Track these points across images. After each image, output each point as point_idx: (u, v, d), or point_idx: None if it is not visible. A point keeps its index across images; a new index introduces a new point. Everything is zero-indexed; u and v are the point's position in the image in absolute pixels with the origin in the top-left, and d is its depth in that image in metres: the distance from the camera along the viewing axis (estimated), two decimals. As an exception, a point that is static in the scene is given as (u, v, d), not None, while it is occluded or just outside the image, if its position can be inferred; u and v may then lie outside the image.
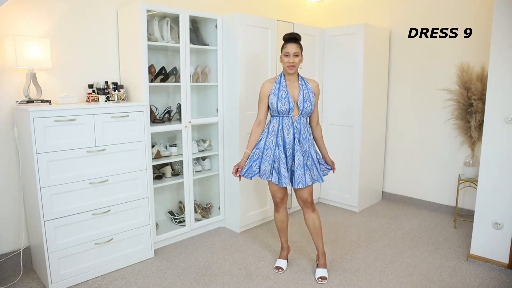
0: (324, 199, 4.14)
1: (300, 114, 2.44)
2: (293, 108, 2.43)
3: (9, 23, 2.48)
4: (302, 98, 2.42)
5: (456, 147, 3.65)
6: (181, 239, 3.18)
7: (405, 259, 2.84)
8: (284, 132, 2.44)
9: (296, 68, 2.44)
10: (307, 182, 2.43)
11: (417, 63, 3.86)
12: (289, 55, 2.39)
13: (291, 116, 2.44)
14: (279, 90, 2.43)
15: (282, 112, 2.43)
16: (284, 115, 2.44)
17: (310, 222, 2.56)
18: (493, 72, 2.56)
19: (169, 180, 3.13)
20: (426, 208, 3.95)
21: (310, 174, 2.45)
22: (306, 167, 2.44)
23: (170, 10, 2.84)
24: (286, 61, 2.40)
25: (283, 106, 2.41)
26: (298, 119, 2.44)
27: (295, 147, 2.42)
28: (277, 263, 2.72)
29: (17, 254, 2.61)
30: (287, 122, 2.44)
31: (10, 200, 2.60)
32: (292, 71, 2.43)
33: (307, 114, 2.47)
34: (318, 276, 2.56)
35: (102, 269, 2.60)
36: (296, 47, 2.40)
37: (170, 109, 3.19)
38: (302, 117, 2.45)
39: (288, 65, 2.40)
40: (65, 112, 2.33)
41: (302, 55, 2.45)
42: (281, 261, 2.72)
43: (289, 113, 2.43)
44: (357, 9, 4.26)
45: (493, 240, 2.68)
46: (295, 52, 2.39)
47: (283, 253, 2.75)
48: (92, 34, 2.84)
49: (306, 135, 2.46)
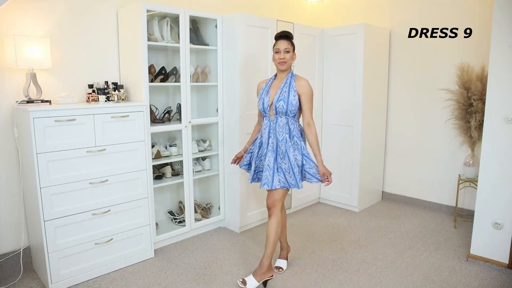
0: (324, 199, 4.14)
1: (276, 114, 2.40)
2: (268, 107, 2.42)
3: (9, 23, 2.48)
4: (277, 97, 2.38)
5: (456, 147, 3.65)
6: (181, 239, 3.18)
7: (405, 259, 2.84)
8: (262, 131, 2.50)
9: (287, 65, 2.39)
10: (274, 185, 2.33)
11: (417, 63, 3.86)
12: (280, 52, 2.38)
13: (269, 115, 2.44)
14: (264, 90, 2.48)
15: (263, 112, 2.47)
16: (264, 115, 2.48)
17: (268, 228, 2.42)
18: (493, 72, 2.56)
19: (169, 180, 3.13)
20: (426, 208, 3.95)
21: (284, 177, 2.35)
22: (280, 170, 2.36)
23: (170, 10, 2.84)
24: (277, 58, 2.39)
25: (259, 106, 2.47)
26: (275, 119, 2.41)
27: (268, 147, 2.41)
28: (277, 263, 2.72)
29: (17, 254, 2.61)
30: (265, 122, 2.47)
31: (10, 200, 2.60)
32: (283, 67, 2.39)
33: (284, 114, 2.37)
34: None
35: (102, 269, 2.60)
36: (286, 44, 2.38)
37: (170, 109, 3.19)
38: (280, 117, 2.39)
39: (279, 62, 2.39)
40: (65, 112, 2.33)
41: (294, 53, 2.43)
42: (281, 261, 2.72)
43: (265, 112, 2.44)
44: (357, 9, 4.26)
45: (493, 240, 2.68)
46: (285, 48, 2.37)
47: (283, 252, 2.76)
48: (92, 34, 2.84)
49: (284, 136, 2.38)
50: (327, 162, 4.00)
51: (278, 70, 2.45)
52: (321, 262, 2.79)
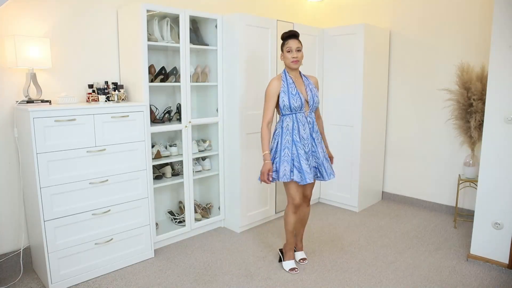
0: (324, 199, 4.14)
1: (310, 109, 2.49)
2: (304, 103, 2.45)
3: (9, 23, 2.48)
4: (310, 93, 2.47)
5: (456, 147, 3.65)
6: (181, 239, 3.18)
7: (405, 259, 2.84)
8: (300, 128, 2.44)
9: (299, 64, 2.46)
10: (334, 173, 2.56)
11: (417, 63, 3.86)
12: (292, 50, 2.42)
13: (303, 112, 2.45)
14: (288, 87, 2.43)
15: (295, 109, 2.42)
16: (297, 111, 2.43)
17: (301, 214, 2.69)
18: (493, 72, 2.56)
19: (169, 180, 3.13)
20: (426, 208, 3.95)
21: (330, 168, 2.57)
22: (326, 160, 2.55)
23: (170, 10, 2.84)
24: (290, 57, 2.42)
25: (295, 102, 2.40)
26: (310, 114, 2.49)
27: (315, 142, 2.49)
28: (292, 264, 2.66)
29: (17, 254, 2.61)
30: (301, 119, 2.44)
31: (10, 200, 2.60)
32: (296, 66, 2.45)
33: (315, 109, 2.54)
34: (299, 258, 2.77)
35: (102, 269, 2.60)
36: (297, 43, 2.45)
37: (170, 109, 3.19)
38: (312, 112, 2.51)
39: (292, 60, 2.42)
40: (65, 112, 2.33)
41: (302, 51, 2.49)
42: (294, 262, 2.70)
43: (301, 109, 2.43)
44: (357, 9, 4.26)
45: (493, 240, 2.68)
46: (297, 47, 2.43)
47: (292, 254, 2.70)
48: (92, 34, 2.84)
49: (316, 129, 2.53)
50: (327, 162, 4.01)
51: (289, 69, 2.48)
52: (321, 262, 2.79)
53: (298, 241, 2.81)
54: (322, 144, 2.57)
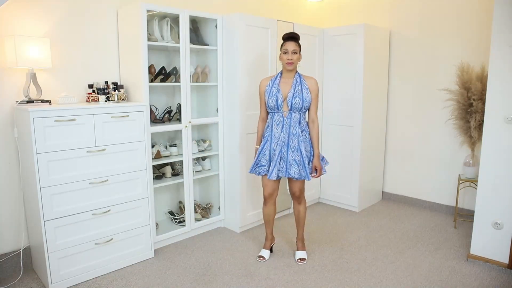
0: (324, 199, 4.14)
1: (290, 110, 2.54)
2: (282, 104, 2.55)
3: (9, 23, 2.48)
4: (292, 94, 2.53)
5: (456, 147, 3.65)
6: (181, 239, 3.18)
7: (405, 259, 2.84)
8: (273, 127, 2.58)
9: (294, 65, 2.55)
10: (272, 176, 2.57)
11: (417, 63, 3.86)
12: (288, 52, 2.51)
13: (281, 111, 2.55)
14: (272, 87, 2.57)
15: (272, 108, 2.57)
16: (275, 111, 2.57)
17: (295, 212, 2.83)
18: (493, 72, 2.56)
19: (169, 180, 3.13)
20: (426, 208, 3.95)
21: (298, 170, 2.57)
22: (294, 162, 2.56)
23: (170, 10, 2.84)
24: (285, 58, 2.52)
25: (271, 102, 2.56)
26: (289, 115, 2.55)
27: (279, 141, 2.55)
28: (261, 252, 2.87)
29: (17, 254, 2.61)
30: (277, 118, 2.58)
31: (10, 200, 2.60)
32: (290, 67, 2.53)
33: (299, 110, 2.55)
34: (297, 258, 2.80)
35: (102, 269, 2.60)
36: (294, 45, 2.52)
37: (170, 109, 3.19)
38: (294, 113, 2.55)
39: (287, 62, 2.52)
40: (65, 112, 2.33)
41: (300, 54, 2.57)
42: (265, 251, 2.87)
43: (278, 109, 2.56)
44: (357, 9, 4.26)
45: (493, 240, 2.68)
46: (293, 49, 2.51)
47: (267, 243, 2.90)
48: (92, 34, 2.84)
49: (297, 131, 2.55)
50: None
51: (285, 70, 2.58)
52: (321, 262, 2.79)
53: (297, 240, 2.88)
54: (299, 147, 2.55)
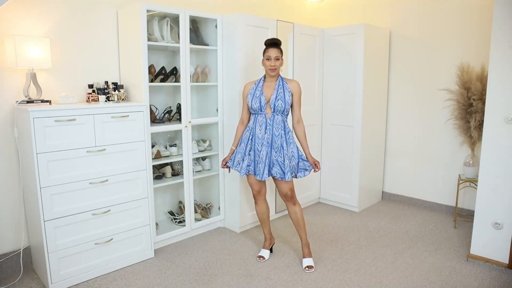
0: (324, 199, 4.14)
1: (273, 112, 2.58)
2: (265, 106, 2.60)
3: (9, 23, 2.48)
4: (275, 97, 2.58)
5: (456, 147, 3.65)
6: (181, 239, 3.18)
7: (405, 259, 2.84)
8: (256, 128, 2.59)
9: (277, 71, 2.61)
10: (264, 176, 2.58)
11: (417, 63, 3.86)
12: (271, 59, 2.57)
13: (265, 113, 2.60)
14: (255, 90, 2.62)
15: (255, 110, 2.61)
16: (258, 112, 2.61)
17: (291, 215, 2.73)
18: (493, 72, 2.56)
19: (169, 180, 3.13)
20: (426, 208, 3.95)
21: (280, 169, 2.58)
22: (276, 162, 2.58)
23: (170, 10, 2.84)
24: (268, 64, 2.58)
25: (255, 104, 2.60)
26: (272, 116, 2.60)
27: (263, 142, 2.58)
28: (261, 252, 2.87)
29: (17, 254, 2.61)
30: (260, 119, 2.61)
31: (10, 200, 2.60)
32: (273, 73, 2.60)
33: (281, 112, 2.59)
34: (304, 266, 2.70)
35: (102, 269, 2.60)
36: (277, 52, 2.57)
37: (170, 109, 3.19)
38: (276, 115, 2.59)
39: (269, 68, 2.58)
40: (65, 112, 2.33)
41: (282, 59, 2.61)
42: (264, 251, 2.87)
43: (261, 110, 2.60)
44: (357, 9, 4.26)
45: (493, 240, 2.68)
46: (276, 56, 2.57)
47: (266, 243, 2.90)
48: (92, 34, 2.84)
49: (280, 132, 2.58)
50: (327, 162, 4.01)
51: (268, 75, 2.64)
52: (321, 262, 2.79)
53: (302, 246, 2.76)
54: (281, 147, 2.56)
